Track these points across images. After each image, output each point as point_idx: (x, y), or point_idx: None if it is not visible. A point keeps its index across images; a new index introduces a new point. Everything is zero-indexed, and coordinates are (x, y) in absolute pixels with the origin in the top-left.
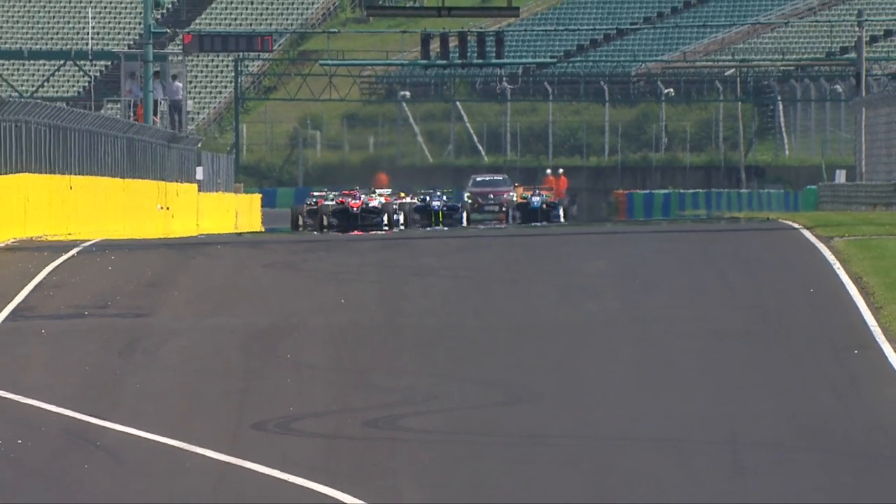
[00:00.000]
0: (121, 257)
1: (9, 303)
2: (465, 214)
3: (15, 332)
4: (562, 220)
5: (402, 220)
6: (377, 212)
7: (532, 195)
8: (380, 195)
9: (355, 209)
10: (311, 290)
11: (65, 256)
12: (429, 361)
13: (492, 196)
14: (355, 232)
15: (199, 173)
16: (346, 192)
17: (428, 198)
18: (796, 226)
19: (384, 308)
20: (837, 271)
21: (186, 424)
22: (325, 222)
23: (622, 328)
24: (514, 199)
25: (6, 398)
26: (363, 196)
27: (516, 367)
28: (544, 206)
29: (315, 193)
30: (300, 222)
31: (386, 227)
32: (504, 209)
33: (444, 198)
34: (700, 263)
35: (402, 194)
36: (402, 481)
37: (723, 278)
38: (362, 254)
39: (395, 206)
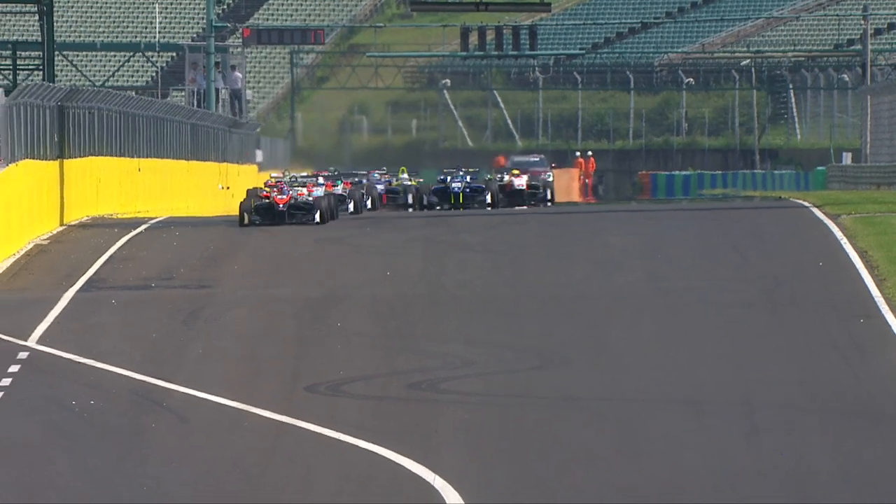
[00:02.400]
0: (185, 233)
1: (82, 275)
2: (489, 196)
3: (88, 302)
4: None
5: (352, 208)
6: (307, 208)
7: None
8: (319, 183)
9: (281, 206)
10: (359, 263)
11: (133, 232)
12: (467, 329)
13: None
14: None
15: (259, 156)
16: (272, 183)
17: (449, 178)
18: (807, 204)
19: (426, 280)
20: (844, 246)
21: (245, 386)
22: (246, 220)
23: (646, 298)
24: (551, 178)
25: (81, 362)
26: (291, 189)
27: (548, 335)
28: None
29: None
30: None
31: (318, 223)
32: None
33: (468, 178)
34: (718, 238)
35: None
36: (443, 440)
37: (739, 252)
38: (406, 230)
39: (327, 196)
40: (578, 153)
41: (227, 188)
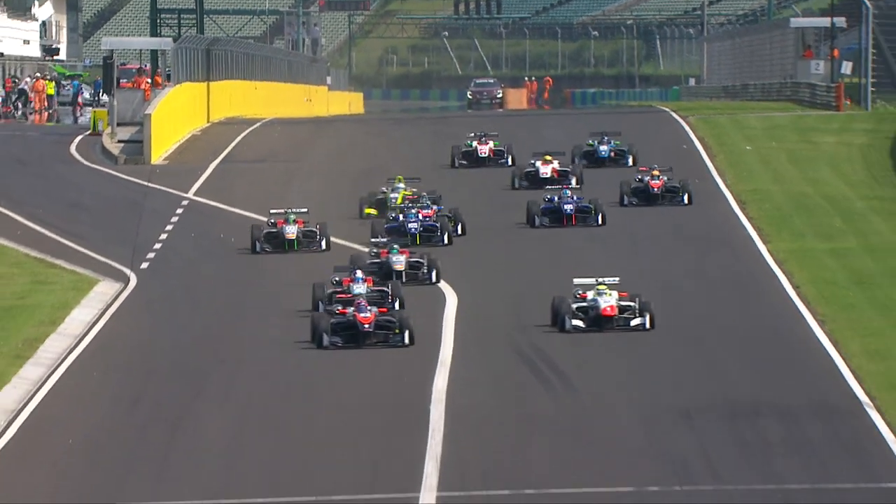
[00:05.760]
0: (284, 128)
1: (222, 153)
2: (446, 236)
3: (226, 170)
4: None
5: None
6: (390, 326)
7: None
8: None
9: (366, 325)
10: (394, 147)
11: (252, 127)
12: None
13: (485, 93)
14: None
15: (329, 80)
16: (340, 293)
17: (402, 216)
18: (667, 109)
19: (440, 168)
20: (690, 135)
21: (318, 204)
22: (326, 342)
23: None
24: (500, 94)
25: (221, 208)
26: (370, 306)
27: (523, 240)
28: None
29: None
30: (258, 249)
31: (407, 345)
32: (493, 101)
33: (420, 217)
34: (615, 127)
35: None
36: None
37: (627, 136)
38: (420, 125)
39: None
40: (526, 78)
41: (310, 100)
